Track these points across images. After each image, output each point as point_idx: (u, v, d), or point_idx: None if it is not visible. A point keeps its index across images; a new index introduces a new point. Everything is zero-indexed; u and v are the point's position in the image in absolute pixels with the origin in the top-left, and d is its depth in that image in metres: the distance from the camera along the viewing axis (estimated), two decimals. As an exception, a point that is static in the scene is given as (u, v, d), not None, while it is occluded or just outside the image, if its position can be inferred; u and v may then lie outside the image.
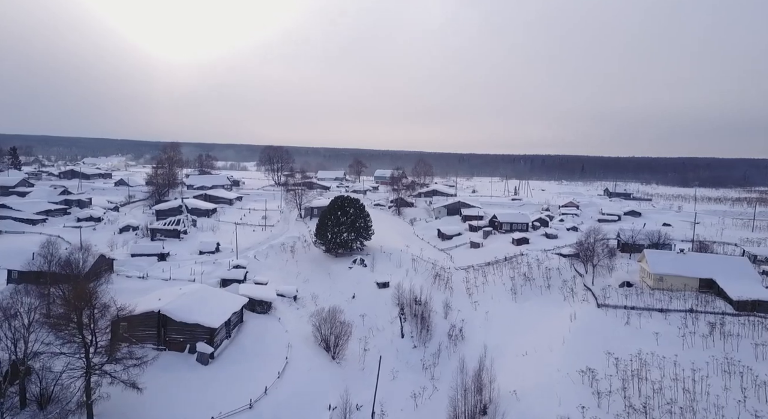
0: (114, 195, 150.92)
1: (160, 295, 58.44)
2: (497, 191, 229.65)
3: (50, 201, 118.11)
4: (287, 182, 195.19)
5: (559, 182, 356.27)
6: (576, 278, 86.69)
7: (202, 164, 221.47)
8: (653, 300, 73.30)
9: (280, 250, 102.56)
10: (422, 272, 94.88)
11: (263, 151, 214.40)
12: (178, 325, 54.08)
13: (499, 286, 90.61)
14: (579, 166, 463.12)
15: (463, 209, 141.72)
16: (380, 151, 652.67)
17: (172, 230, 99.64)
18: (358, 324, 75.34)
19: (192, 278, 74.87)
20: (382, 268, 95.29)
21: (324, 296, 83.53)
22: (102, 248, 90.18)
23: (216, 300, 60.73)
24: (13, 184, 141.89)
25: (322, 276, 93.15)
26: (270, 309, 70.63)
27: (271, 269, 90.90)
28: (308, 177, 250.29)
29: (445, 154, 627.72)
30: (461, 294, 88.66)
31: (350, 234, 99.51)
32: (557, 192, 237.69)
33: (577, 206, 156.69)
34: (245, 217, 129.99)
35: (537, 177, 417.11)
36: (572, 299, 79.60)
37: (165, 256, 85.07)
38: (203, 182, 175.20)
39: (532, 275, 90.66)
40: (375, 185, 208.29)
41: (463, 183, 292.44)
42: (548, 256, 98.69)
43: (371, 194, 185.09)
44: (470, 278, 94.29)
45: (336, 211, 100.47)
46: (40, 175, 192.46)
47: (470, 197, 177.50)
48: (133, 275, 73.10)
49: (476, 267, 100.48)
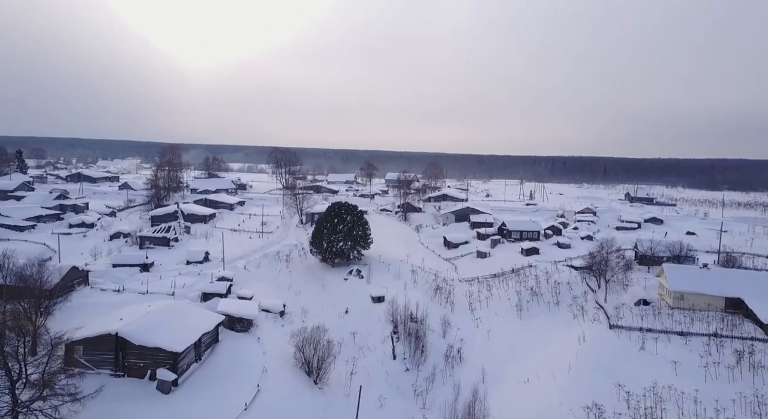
0: (114, 199, 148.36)
1: (124, 313, 53.80)
2: (512, 195, 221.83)
3: (44, 206, 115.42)
4: (295, 186, 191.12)
5: (579, 185, 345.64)
6: (587, 294, 79.86)
7: (209, 167, 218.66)
8: (672, 322, 66.19)
9: (275, 259, 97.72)
10: (422, 285, 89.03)
11: (270, 153, 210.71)
12: (138, 349, 49.26)
13: (504, 301, 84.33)
14: (601, 168, 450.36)
15: (472, 216, 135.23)
16: (398, 152, 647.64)
17: (162, 238, 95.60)
18: (348, 343, 70.05)
19: (171, 291, 70.35)
20: (380, 280, 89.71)
21: (315, 311, 78.31)
22: (85, 257, 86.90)
23: (186, 319, 55.85)
24: (12, 188, 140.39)
25: (315, 288, 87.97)
26: (251, 327, 65.59)
27: (261, 280, 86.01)
28: (318, 180, 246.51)
29: (464, 155, 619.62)
30: (463, 310, 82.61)
31: (347, 243, 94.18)
32: (575, 197, 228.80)
33: (593, 213, 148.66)
34: (244, 223, 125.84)
35: (557, 180, 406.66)
36: (582, 318, 72.88)
37: (148, 266, 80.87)
38: (207, 185, 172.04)
39: (540, 290, 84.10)
40: (384, 189, 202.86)
41: (478, 186, 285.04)
42: (558, 268, 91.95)
43: (379, 199, 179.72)
44: (474, 292, 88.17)
45: (332, 218, 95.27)
46: (45, 178, 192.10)
47: (482, 203, 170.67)
48: (108, 289, 68.92)
49: (481, 279, 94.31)
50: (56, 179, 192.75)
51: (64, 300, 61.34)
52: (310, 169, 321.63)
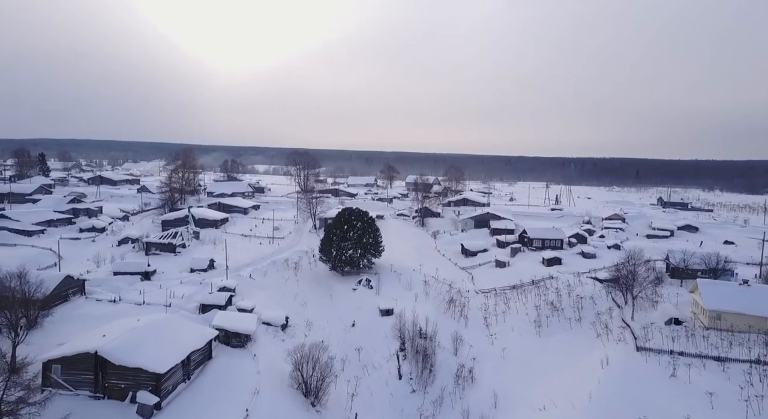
0: (131, 203, 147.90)
1: (108, 329, 50.88)
2: (537, 198, 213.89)
3: (56, 210, 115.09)
4: (313, 189, 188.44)
5: (608, 189, 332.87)
6: (612, 310, 73.73)
7: (228, 169, 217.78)
8: (708, 345, 59.79)
9: (283, 266, 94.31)
10: (434, 297, 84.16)
11: (289, 155, 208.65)
12: (118, 369, 46.04)
13: (521, 316, 78.88)
14: (633, 170, 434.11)
15: (492, 222, 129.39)
16: (424, 154, 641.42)
17: (167, 244, 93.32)
18: (353, 360, 65.92)
19: (168, 302, 67.41)
20: (390, 291, 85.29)
21: (320, 324, 74.41)
22: (87, 264, 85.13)
23: (174, 336, 52.52)
24: (30, 191, 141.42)
25: (322, 298, 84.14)
26: (248, 342, 61.99)
27: (266, 289, 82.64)
28: (338, 183, 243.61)
29: (491, 156, 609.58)
30: (477, 325, 77.46)
31: (357, 251, 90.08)
32: (604, 201, 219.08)
33: (622, 219, 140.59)
34: (256, 227, 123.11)
35: (586, 182, 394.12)
36: (606, 337, 67.00)
37: (150, 275, 78.41)
38: (224, 189, 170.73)
39: (561, 304, 78.33)
40: (404, 192, 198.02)
41: (503, 189, 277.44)
42: (581, 281, 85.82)
43: (398, 203, 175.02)
44: (490, 305, 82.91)
45: (342, 225, 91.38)
46: (67, 181, 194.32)
47: (504, 207, 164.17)
48: (103, 299, 66.44)
49: (498, 291, 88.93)
50: (78, 182, 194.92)
51: (53, 312, 58.91)
52: (332, 171, 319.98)
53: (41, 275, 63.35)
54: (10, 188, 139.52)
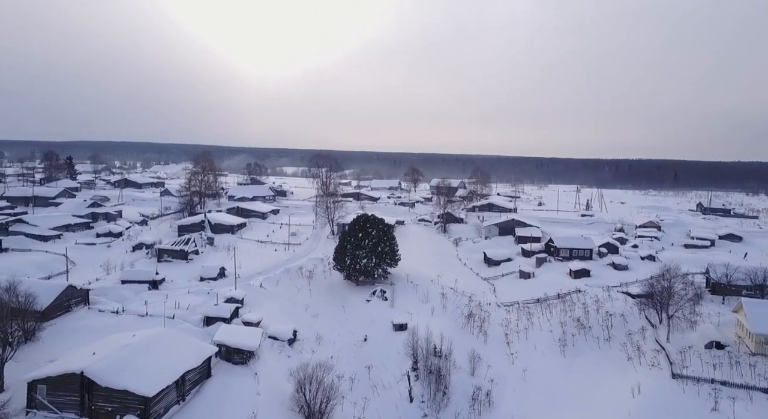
0: (152, 206, 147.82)
1: (99, 346, 48.50)
2: (567, 203, 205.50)
3: (75, 215, 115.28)
4: (335, 193, 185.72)
5: (644, 192, 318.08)
6: (645, 330, 67.75)
7: (251, 172, 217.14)
8: (755, 375, 53.73)
9: (297, 275, 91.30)
10: (452, 311, 79.56)
11: (312, 158, 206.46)
12: (105, 391, 43.46)
13: (545, 333, 73.54)
14: (670, 173, 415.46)
15: (517, 229, 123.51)
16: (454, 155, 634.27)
17: (179, 251, 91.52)
18: (362, 378, 62.06)
19: (172, 314, 65.01)
20: (405, 303, 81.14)
21: (330, 338, 70.86)
22: (97, 271, 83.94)
23: (169, 354, 49.79)
24: (53, 195, 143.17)
25: (334, 310, 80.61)
26: (251, 359, 58.89)
27: (277, 299, 79.69)
28: (362, 186, 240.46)
29: (523, 158, 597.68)
30: (497, 342, 72.51)
31: (371, 260, 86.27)
32: (639, 206, 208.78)
33: (658, 227, 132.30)
34: (273, 233, 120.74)
35: (620, 185, 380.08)
36: (638, 360, 61.35)
37: (157, 283, 76.43)
38: (244, 192, 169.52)
39: (588, 322, 72.69)
40: (428, 196, 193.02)
41: (532, 193, 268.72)
42: (611, 295, 79.78)
43: (420, 207, 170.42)
44: (511, 321, 77.75)
45: (357, 232, 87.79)
46: (94, 184, 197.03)
47: (532, 212, 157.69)
48: (106, 310, 64.55)
49: (521, 305, 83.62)
50: (105, 185, 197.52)
51: (54, 324, 57.28)
52: (357, 174, 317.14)
53: (42, 285, 61.85)
54: (33, 192, 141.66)
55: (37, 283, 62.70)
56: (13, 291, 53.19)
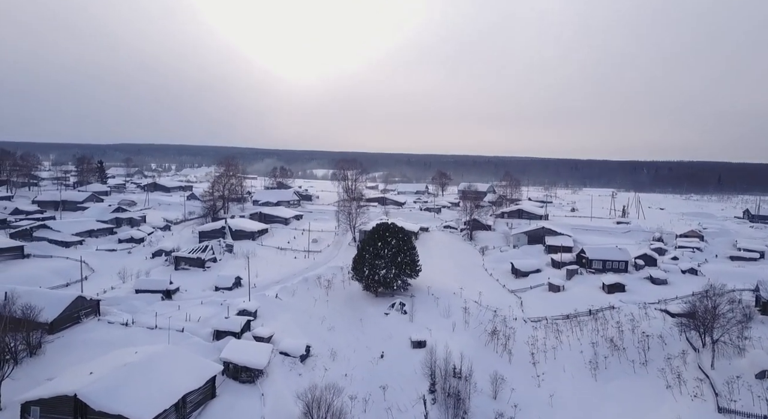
0: (177, 211, 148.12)
1: (96, 365, 46.58)
2: (603, 209, 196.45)
3: (99, 220, 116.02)
4: (361, 197, 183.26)
5: (685, 197, 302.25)
6: (687, 354, 61.95)
7: (277, 176, 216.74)
8: (815, 412, 47.49)
9: (314, 284, 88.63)
10: (475, 327, 75.19)
11: (337, 162, 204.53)
12: (99, 415, 41.30)
13: (575, 353, 68.47)
14: (714, 176, 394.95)
15: (547, 237, 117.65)
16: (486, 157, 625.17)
17: (196, 259, 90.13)
18: (377, 400, 58.58)
19: (182, 327, 63.10)
20: (425, 317, 77.28)
21: (345, 354, 67.64)
22: (113, 280, 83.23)
23: (170, 373, 47.50)
24: (81, 199, 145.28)
25: (351, 323, 77.40)
26: (259, 377, 56.23)
27: (292, 311, 77.02)
28: (389, 190, 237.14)
29: (559, 160, 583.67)
30: (522, 362, 67.82)
31: (390, 271, 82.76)
32: (679, 213, 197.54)
33: (700, 237, 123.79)
34: (295, 240, 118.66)
35: (660, 189, 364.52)
36: (678, 389, 55.96)
37: (171, 293, 74.93)
38: (269, 197, 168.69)
39: (623, 343, 67.28)
40: (455, 201, 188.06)
41: (566, 197, 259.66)
42: (648, 314, 73.86)
43: (446, 213, 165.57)
44: (539, 338, 72.81)
45: (376, 241, 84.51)
46: (124, 188, 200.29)
47: (564, 219, 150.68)
48: (115, 322, 63.13)
49: (549, 321, 78.48)
50: (135, 188, 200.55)
51: (62, 336, 56.17)
52: (384, 176, 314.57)
53: (50, 296, 60.89)
54: (61, 196, 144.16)
55: (46, 294, 61.84)
56: (11, 304, 51.91)
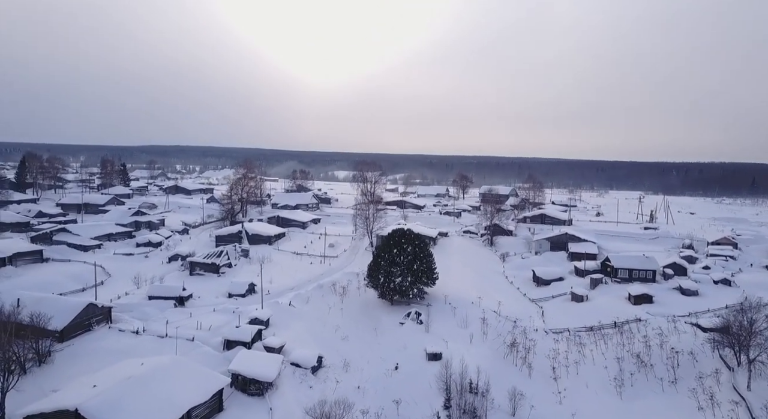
0: (196, 214, 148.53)
1: (100, 377, 45.59)
2: (629, 213, 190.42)
3: (119, 223, 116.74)
4: (380, 200, 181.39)
5: (717, 201, 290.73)
6: (720, 373, 58.10)
7: (296, 178, 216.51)
8: None
9: (329, 291, 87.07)
10: (493, 338, 72.42)
11: (357, 164, 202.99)
12: (100, 430, 40.12)
13: (599, 369, 65.11)
14: (748, 179, 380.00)
15: (570, 244, 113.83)
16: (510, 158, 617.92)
17: (211, 264, 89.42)
18: (389, 414, 56.44)
19: (192, 336, 62.09)
20: (441, 328, 74.83)
21: (358, 365, 65.64)
22: (127, 285, 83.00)
23: (176, 386, 46.29)
24: (103, 202, 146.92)
25: (366, 333, 75.43)
26: (269, 389, 54.72)
27: (305, 319, 75.49)
28: (409, 193, 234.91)
29: (583, 161, 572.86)
30: (543, 376, 64.76)
31: (406, 279, 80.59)
32: (711, 217, 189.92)
33: (734, 245, 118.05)
34: (312, 244, 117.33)
35: (690, 192, 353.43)
36: (712, 410, 52.48)
37: (184, 300, 74.21)
38: (287, 200, 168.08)
39: (650, 359, 63.73)
40: (476, 204, 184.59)
41: (591, 200, 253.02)
42: (678, 328, 69.94)
43: (467, 217, 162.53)
44: (560, 352, 69.59)
45: (391, 248, 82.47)
46: (146, 190, 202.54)
47: (587, 226, 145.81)
48: (126, 330, 62.49)
49: (572, 333, 75.15)
50: (157, 191, 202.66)
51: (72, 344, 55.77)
52: (405, 178, 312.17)
53: (61, 303, 60.53)
54: (83, 199, 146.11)
55: (57, 300, 61.62)
56: (18, 313, 51.57)
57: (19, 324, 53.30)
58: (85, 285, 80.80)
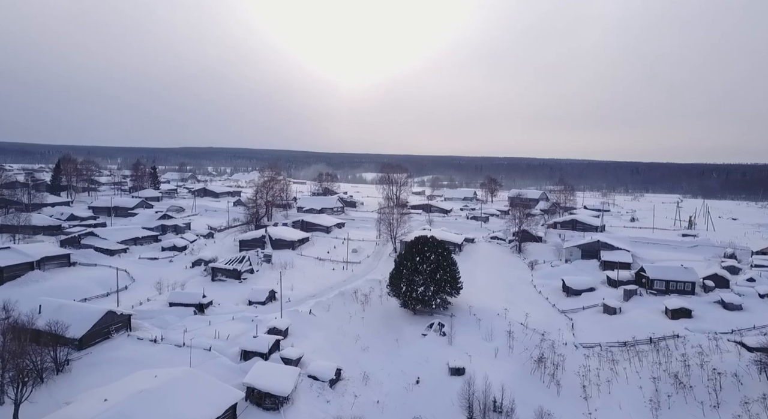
0: (222, 218, 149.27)
1: (112, 391, 44.79)
2: (666, 219, 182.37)
3: (145, 227, 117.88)
4: (406, 204, 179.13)
5: (762, 206, 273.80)
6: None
7: (322, 182, 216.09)
8: None
9: (351, 299, 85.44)
10: (519, 353, 69.30)
11: (382, 166, 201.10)
12: (109, 446, 39.28)
13: (633, 388, 61.39)
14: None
15: (603, 252, 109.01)
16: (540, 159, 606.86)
17: (232, 270, 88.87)
18: (410, 432, 54.29)
19: (209, 346, 61.23)
20: (465, 340, 72.05)
21: (378, 378, 63.65)
22: (149, 291, 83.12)
23: (188, 401, 45.23)
24: (132, 206, 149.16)
25: (387, 343, 73.35)
26: (284, 403, 53.21)
27: (325, 329, 73.92)
28: (436, 196, 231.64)
29: (618, 163, 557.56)
30: (572, 395, 61.48)
31: (429, 288, 78.16)
32: (755, 224, 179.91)
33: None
34: (334, 249, 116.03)
35: (732, 196, 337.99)
36: (759, 442, 47.97)
37: (204, 307, 73.60)
38: (313, 203, 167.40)
39: (689, 380, 59.57)
40: (505, 208, 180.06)
41: (625, 205, 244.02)
42: (720, 346, 65.34)
43: (494, 222, 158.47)
44: (591, 368, 66.13)
45: (413, 256, 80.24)
46: (175, 193, 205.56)
47: (621, 233, 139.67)
48: (145, 338, 62.10)
49: (604, 348, 71.40)
50: (186, 194, 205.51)
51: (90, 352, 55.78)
52: (432, 180, 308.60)
53: (81, 310, 60.55)
54: (112, 202, 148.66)
55: (77, 307, 61.73)
56: (34, 320, 51.64)
57: (38, 331, 53.41)
58: (109, 290, 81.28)
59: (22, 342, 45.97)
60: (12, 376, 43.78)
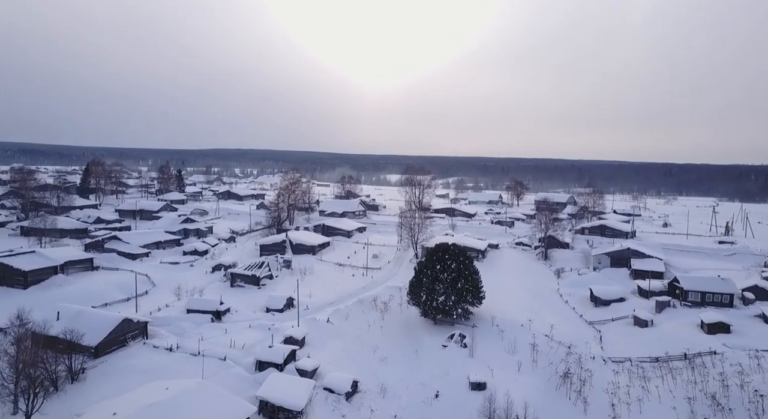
0: (245, 221, 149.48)
1: (121, 404, 44.01)
2: (701, 224, 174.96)
3: (168, 231, 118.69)
4: (429, 207, 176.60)
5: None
6: (817, 425, 49.48)
7: (344, 184, 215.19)
8: None
9: (370, 307, 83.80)
10: (543, 367, 66.39)
11: (405, 168, 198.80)
12: (116, 462, 38.41)
13: (666, 409, 57.87)
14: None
15: (633, 260, 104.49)
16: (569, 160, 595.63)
17: (251, 276, 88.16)
18: (427, 450, 52.22)
19: (224, 354, 60.36)
20: (487, 353, 69.50)
21: (397, 390, 61.75)
22: (168, 297, 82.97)
23: (199, 415, 44.08)
24: (156, 209, 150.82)
25: (406, 354, 71.39)
26: (298, 418, 51.76)
27: (342, 338, 72.34)
28: (457, 200, 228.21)
29: (650, 164, 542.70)
30: (600, 414, 58.41)
31: (450, 298, 75.83)
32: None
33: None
34: (355, 255, 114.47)
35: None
36: (806, 474, 44.15)
37: (221, 314, 72.90)
38: (334, 207, 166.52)
39: (729, 402, 55.76)
40: (531, 212, 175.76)
41: (657, 209, 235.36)
42: (762, 365, 61.04)
43: (520, 226, 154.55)
44: (621, 385, 62.74)
45: (434, 264, 78.07)
46: (200, 196, 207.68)
47: (653, 240, 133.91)
48: (161, 346, 61.60)
49: (634, 363, 67.79)
50: (211, 196, 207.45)
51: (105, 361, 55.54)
52: (457, 182, 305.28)
53: (97, 318, 60.39)
54: (137, 206, 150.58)
55: (94, 314, 61.60)
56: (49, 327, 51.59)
57: (54, 338, 53.32)
58: (130, 295, 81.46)
59: (36, 351, 45.67)
60: (24, 386, 43.46)
